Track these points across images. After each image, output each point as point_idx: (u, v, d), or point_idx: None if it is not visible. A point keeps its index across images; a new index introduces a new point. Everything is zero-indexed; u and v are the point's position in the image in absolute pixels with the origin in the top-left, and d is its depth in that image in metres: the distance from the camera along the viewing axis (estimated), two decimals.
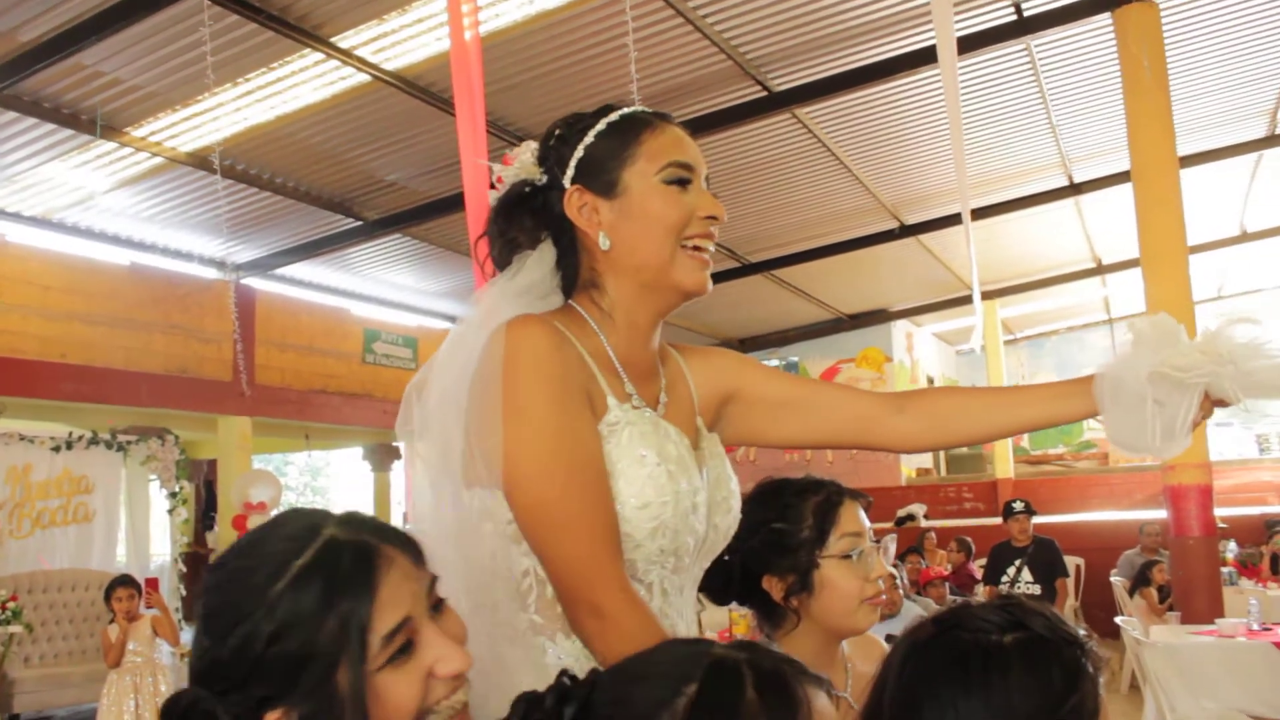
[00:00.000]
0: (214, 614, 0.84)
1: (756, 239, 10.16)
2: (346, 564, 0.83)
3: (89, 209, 8.13)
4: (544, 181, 1.29)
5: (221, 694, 0.82)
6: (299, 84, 6.42)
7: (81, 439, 8.58)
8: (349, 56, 6.10)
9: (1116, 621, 5.68)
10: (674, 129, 1.28)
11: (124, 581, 5.87)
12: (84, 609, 7.98)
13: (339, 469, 26.78)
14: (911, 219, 10.09)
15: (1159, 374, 1.19)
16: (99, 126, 6.63)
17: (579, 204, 1.26)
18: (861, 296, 12.88)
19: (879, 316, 13.56)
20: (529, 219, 1.30)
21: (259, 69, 6.20)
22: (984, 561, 7.63)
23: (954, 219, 8.96)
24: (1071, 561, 7.76)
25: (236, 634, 0.81)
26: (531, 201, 1.30)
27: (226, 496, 9.28)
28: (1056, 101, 7.80)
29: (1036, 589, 6.89)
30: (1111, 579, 7.74)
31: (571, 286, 1.31)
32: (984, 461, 14.22)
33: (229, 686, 0.82)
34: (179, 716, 0.82)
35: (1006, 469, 12.94)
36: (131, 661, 5.68)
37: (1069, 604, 7.60)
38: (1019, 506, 7.20)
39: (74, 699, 7.38)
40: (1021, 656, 0.87)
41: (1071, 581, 7.71)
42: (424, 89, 6.53)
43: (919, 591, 6.42)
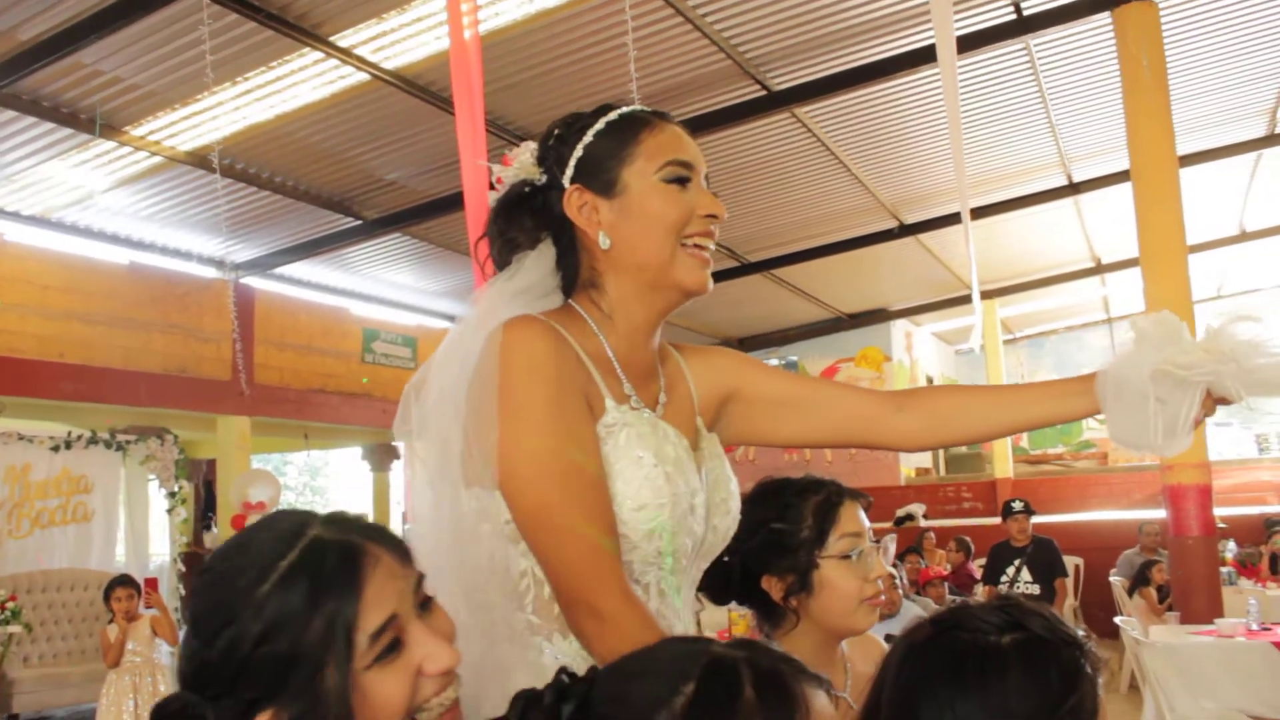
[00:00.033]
0: (202, 617, 0.84)
1: (756, 238, 10.16)
2: (332, 563, 0.83)
3: (88, 208, 8.12)
4: (543, 181, 1.29)
5: (212, 697, 0.82)
6: (298, 83, 6.42)
7: (80, 438, 8.58)
8: (348, 55, 6.09)
9: (1116, 621, 5.69)
10: (673, 128, 1.27)
11: (123, 581, 5.87)
12: (83, 609, 7.98)
13: (338, 469, 26.77)
14: (911, 218, 10.08)
15: (1161, 372, 1.19)
16: (98, 125, 6.62)
17: (579, 203, 1.25)
18: (861, 296, 12.87)
19: (878, 316, 13.55)
20: (529, 219, 1.30)
21: (258, 68, 6.20)
22: (983, 561, 7.63)
23: (953, 218, 8.96)
24: (1071, 561, 7.76)
25: (225, 636, 0.81)
26: (531, 201, 1.30)
27: (225, 496, 9.27)
28: (1056, 101, 7.80)
29: (1036, 589, 6.89)
30: (1111, 579, 7.74)
31: (571, 286, 1.31)
32: (983, 461, 14.21)
33: (219, 689, 0.82)
34: None
35: (1006, 469, 12.94)
36: (131, 661, 5.68)
37: (1068, 604, 7.60)
38: (1018, 506, 7.20)
39: (73, 699, 7.38)
40: (1019, 657, 0.86)
41: (1071, 581, 7.71)
42: (423, 88, 6.52)
43: (918, 591, 6.42)
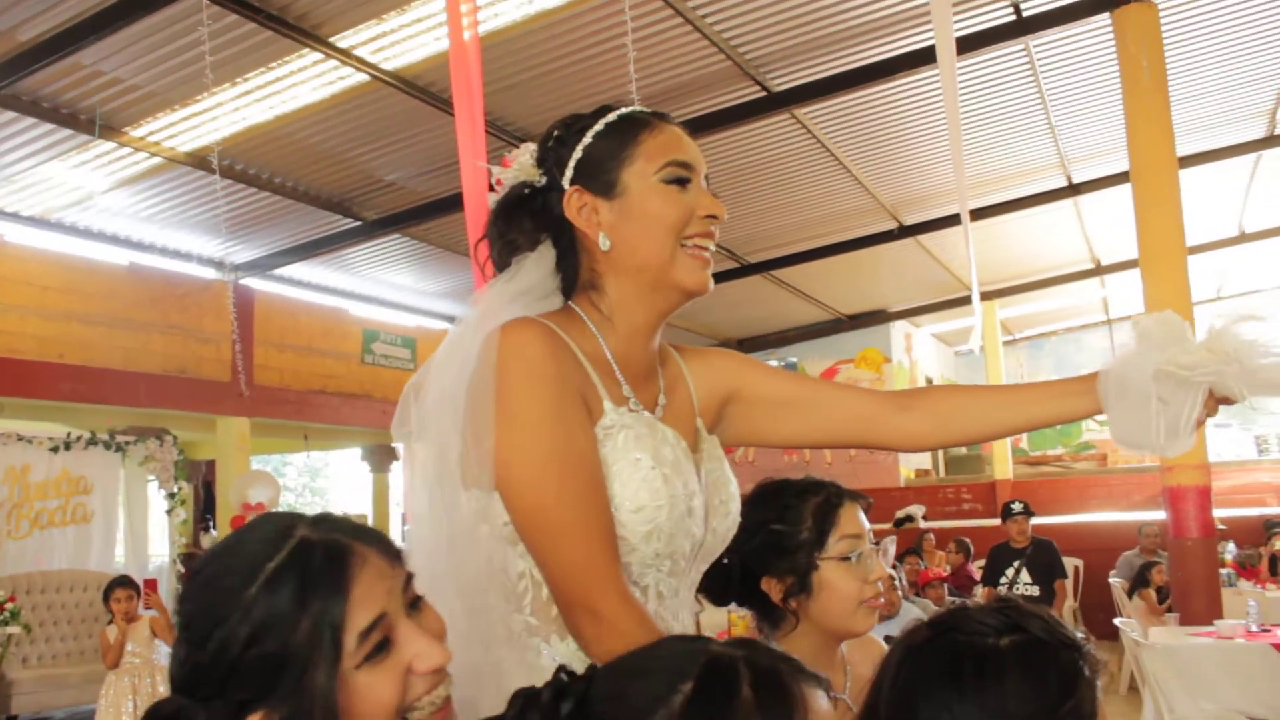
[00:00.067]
0: (192, 620, 0.84)
1: (755, 239, 10.16)
2: (319, 563, 0.83)
3: (87, 209, 8.11)
4: (543, 183, 1.28)
5: (203, 699, 0.82)
6: (298, 84, 6.42)
7: (80, 439, 8.58)
8: (348, 56, 6.09)
9: (1115, 623, 5.68)
10: (672, 128, 1.27)
11: (123, 582, 5.88)
12: (82, 610, 7.98)
13: (338, 470, 26.76)
14: (910, 219, 10.08)
15: (1164, 372, 1.18)
16: (97, 126, 6.62)
17: (578, 205, 1.25)
18: (860, 297, 12.87)
19: (878, 317, 13.56)
20: (528, 221, 1.30)
21: (258, 69, 6.20)
22: (983, 563, 7.63)
23: (953, 219, 8.95)
24: (1070, 563, 7.76)
25: (214, 638, 0.81)
26: (531, 203, 1.29)
27: (225, 497, 9.26)
28: (1055, 102, 7.80)
29: (1035, 590, 6.89)
30: (1110, 580, 7.74)
31: (571, 288, 1.30)
32: (983, 462, 14.21)
33: (210, 691, 0.82)
34: None
35: (1005, 470, 12.93)
36: (130, 662, 5.67)
37: (1068, 605, 7.60)
38: (1017, 508, 7.20)
39: (72, 700, 7.37)
40: (1018, 660, 0.86)
41: (1070, 583, 7.71)
42: (423, 89, 6.52)
43: (917, 593, 6.42)
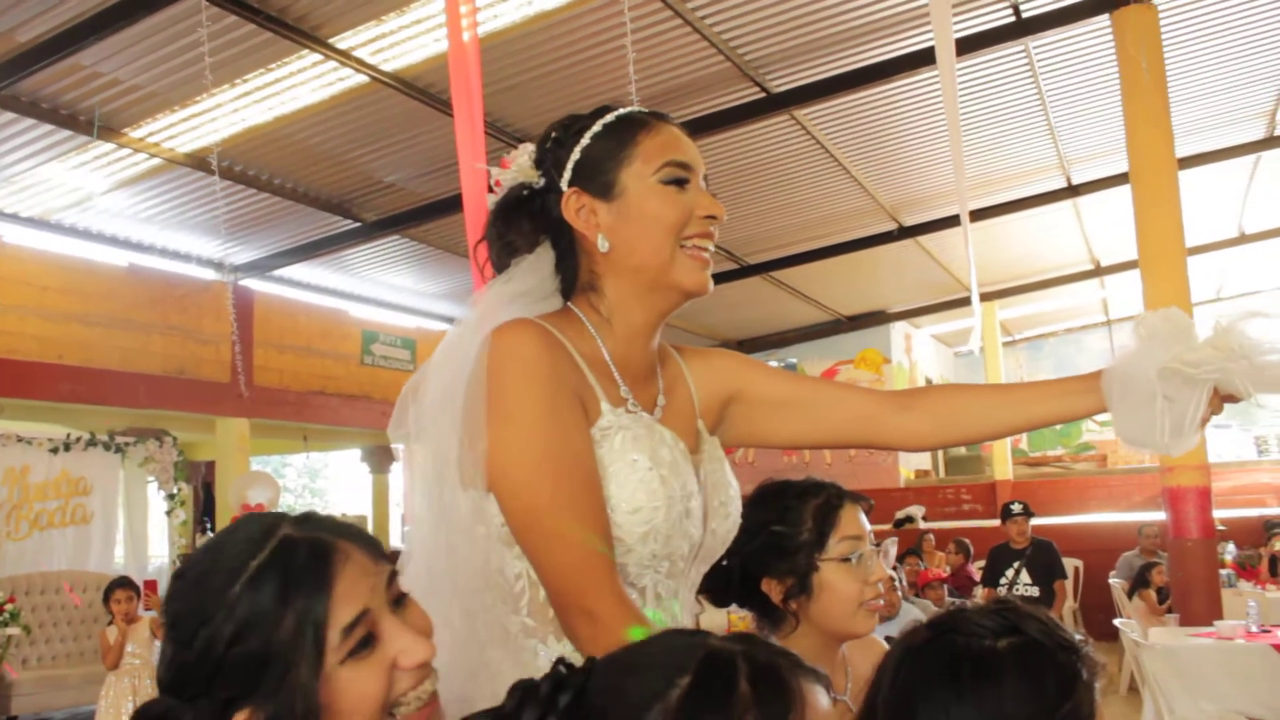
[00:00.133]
0: (177, 620, 0.84)
1: (755, 240, 10.16)
2: (301, 561, 0.84)
3: (87, 210, 8.11)
4: (541, 184, 1.28)
5: (190, 700, 0.82)
6: (297, 85, 6.42)
7: (79, 440, 8.58)
8: (347, 57, 6.09)
9: (1115, 623, 5.68)
10: (671, 128, 1.26)
11: (123, 583, 5.88)
12: (82, 611, 7.97)
13: (337, 471, 26.75)
14: (910, 220, 10.08)
15: (1169, 369, 1.18)
16: (96, 127, 6.62)
17: (577, 206, 1.25)
18: (860, 298, 12.87)
19: (877, 318, 13.56)
20: (527, 223, 1.29)
21: (257, 70, 6.20)
22: (982, 563, 7.63)
23: (952, 220, 8.95)
24: (1070, 563, 7.76)
25: (199, 637, 0.82)
26: (529, 205, 1.29)
27: (224, 498, 9.26)
28: (1055, 103, 7.80)
29: (1035, 591, 6.88)
30: (1110, 581, 7.74)
31: (570, 289, 1.30)
32: (983, 463, 14.21)
33: (196, 691, 0.82)
34: None
35: (1005, 471, 12.93)
36: (130, 663, 5.67)
37: (1067, 606, 7.60)
38: (1017, 508, 7.20)
39: (72, 701, 7.36)
40: (1016, 662, 0.86)
41: (1070, 583, 7.71)
42: (422, 90, 6.52)
43: (917, 593, 6.41)
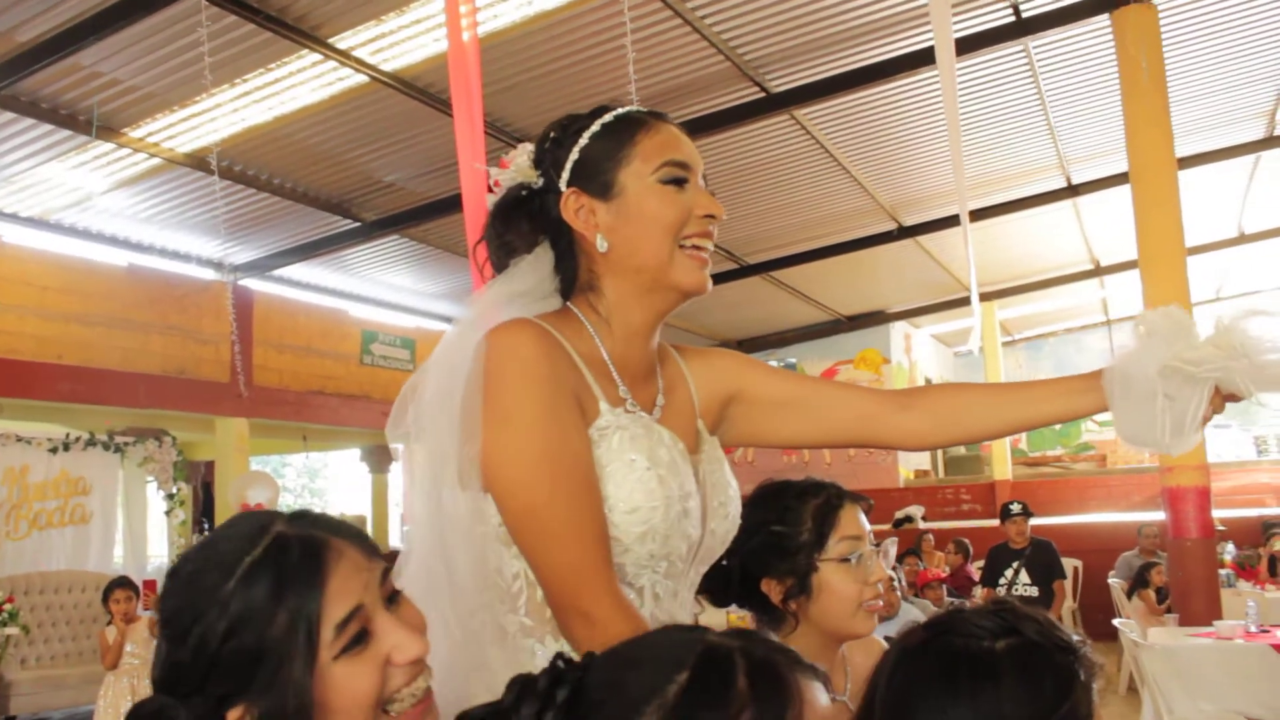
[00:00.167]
0: (171, 618, 0.85)
1: (754, 240, 10.16)
2: (295, 557, 0.84)
3: (86, 210, 8.11)
4: (540, 185, 1.28)
5: (184, 697, 0.82)
6: (297, 85, 6.41)
7: (79, 440, 8.57)
8: (347, 57, 6.09)
9: (1114, 623, 5.69)
10: (669, 128, 1.26)
11: (122, 583, 5.88)
12: (81, 610, 7.97)
13: (337, 470, 26.75)
14: (910, 220, 10.08)
15: (1170, 368, 1.17)
16: (96, 127, 6.62)
17: (575, 207, 1.24)
18: (860, 298, 12.87)
19: (877, 318, 13.56)
20: (526, 223, 1.29)
21: (257, 69, 6.20)
22: (982, 563, 7.63)
23: (952, 220, 8.95)
24: (1069, 563, 7.76)
25: (193, 634, 0.82)
26: (528, 205, 1.29)
27: (224, 498, 9.26)
28: (1055, 103, 7.80)
29: (1034, 591, 6.89)
30: (1109, 581, 7.74)
31: (570, 289, 1.30)
32: (982, 463, 14.21)
33: (190, 688, 0.82)
34: None
35: (1004, 471, 12.94)
36: (129, 663, 5.67)
37: (1067, 606, 7.60)
38: (1016, 509, 7.20)
39: (70, 701, 7.36)
40: (1013, 663, 0.85)
41: (1069, 583, 7.71)
42: (422, 90, 6.52)
43: (916, 594, 6.41)
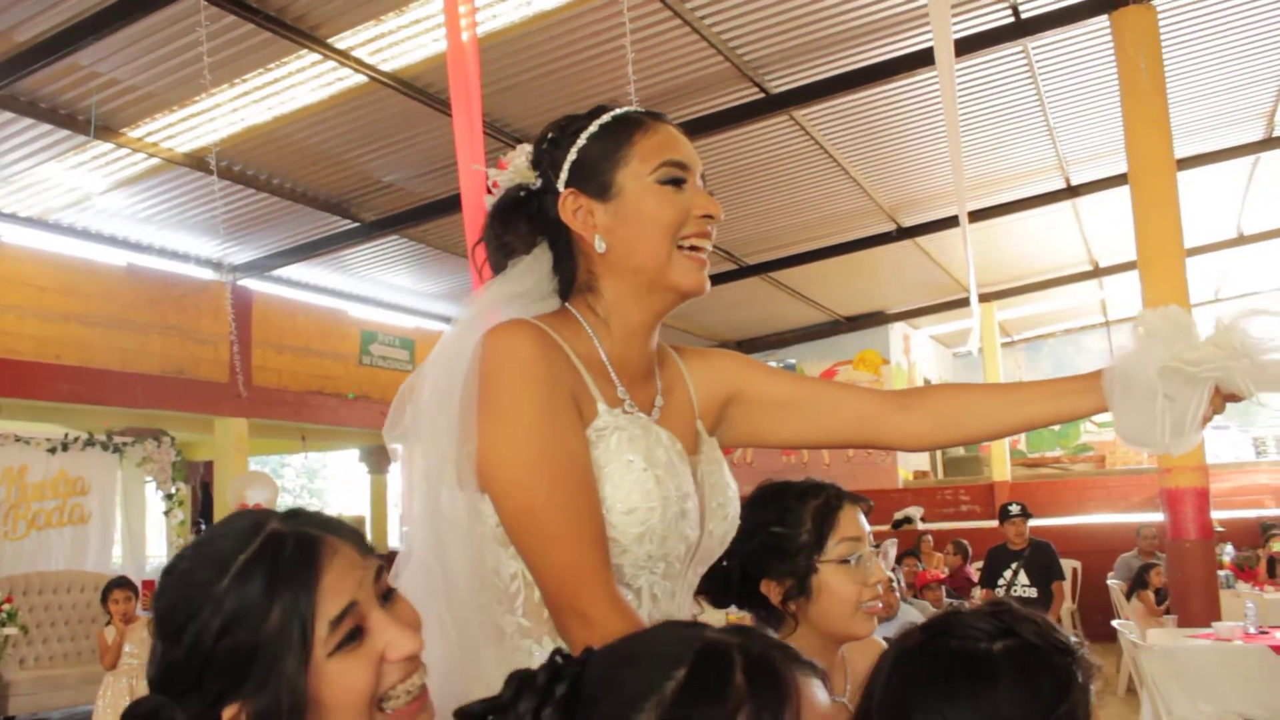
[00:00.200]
0: (166, 616, 0.85)
1: (753, 241, 10.16)
2: (289, 554, 0.84)
3: (85, 210, 8.11)
4: (539, 185, 1.28)
5: (179, 696, 0.82)
6: (296, 85, 6.41)
7: (77, 440, 8.56)
8: (346, 57, 6.09)
9: (1113, 624, 5.68)
10: (667, 128, 1.26)
11: (121, 583, 5.87)
12: (79, 611, 7.96)
13: (336, 471, 26.75)
14: (909, 221, 10.09)
15: (1170, 368, 1.17)
16: (95, 127, 6.62)
17: (573, 207, 1.24)
18: (859, 299, 12.88)
19: (876, 319, 13.57)
20: (524, 224, 1.29)
21: (256, 70, 6.19)
22: (981, 564, 7.63)
23: (951, 221, 8.96)
24: (1068, 564, 7.76)
25: (188, 632, 0.82)
26: (526, 206, 1.29)
27: (223, 498, 9.25)
28: (1054, 104, 7.81)
29: (1033, 592, 6.88)
30: (1108, 582, 7.74)
31: (568, 290, 1.30)
32: (981, 464, 14.22)
33: (185, 687, 0.82)
34: None
35: (1004, 472, 12.94)
36: (128, 664, 5.66)
37: (1066, 607, 7.60)
38: (1015, 510, 7.19)
39: (69, 701, 7.35)
40: (1010, 665, 0.85)
41: (1068, 584, 7.71)
42: (421, 90, 6.52)
43: (915, 595, 6.41)
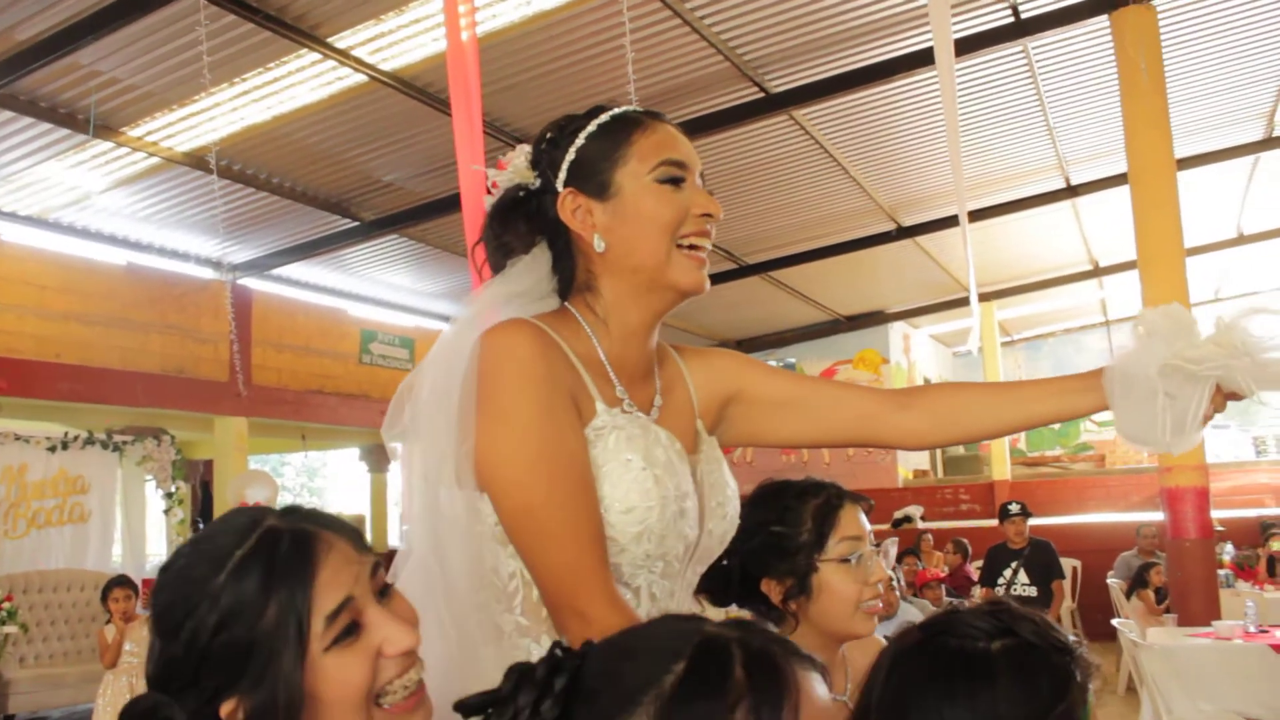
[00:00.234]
0: (163, 613, 0.85)
1: (753, 240, 10.16)
2: (285, 550, 0.85)
3: (85, 209, 8.11)
4: (538, 185, 1.28)
5: (177, 692, 0.83)
6: (296, 84, 6.41)
7: (77, 439, 8.56)
8: (346, 57, 6.09)
9: (1113, 623, 5.69)
10: (666, 127, 1.26)
11: (121, 582, 5.87)
12: (79, 609, 7.97)
13: (336, 470, 26.75)
14: (909, 221, 10.09)
15: (1171, 366, 1.17)
16: (94, 126, 6.61)
17: (572, 207, 1.24)
18: (859, 298, 12.88)
19: (876, 318, 13.56)
20: (523, 224, 1.29)
21: (256, 69, 6.19)
22: (981, 563, 7.63)
23: (951, 221, 8.96)
24: (1068, 563, 7.76)
25: (185, 629, 0.83)
26: (526, 206, 1.29)
27: (223, 497, 9.25)
28: (1054, 104, 7.80)
29: (1033, 591, 6.89)
30: (1108, 581, 7.74)
31: (568, 289, 1.30)
32: (981, 463, 14.21)
33: (183, 684, 0.83)
34: None
35: (1003, 471, 12.94)
36: (128, 662, 5.66)
37: (1065, 606, 7.60)
38: (1015, 509, 7.20)
39: (69, 700, 7.36)
40: (1009, 664, 0.86)
41: (1068, 583, 7.71)
42: (421, 89, 6.52)
43: (915, 593, 6.41)
